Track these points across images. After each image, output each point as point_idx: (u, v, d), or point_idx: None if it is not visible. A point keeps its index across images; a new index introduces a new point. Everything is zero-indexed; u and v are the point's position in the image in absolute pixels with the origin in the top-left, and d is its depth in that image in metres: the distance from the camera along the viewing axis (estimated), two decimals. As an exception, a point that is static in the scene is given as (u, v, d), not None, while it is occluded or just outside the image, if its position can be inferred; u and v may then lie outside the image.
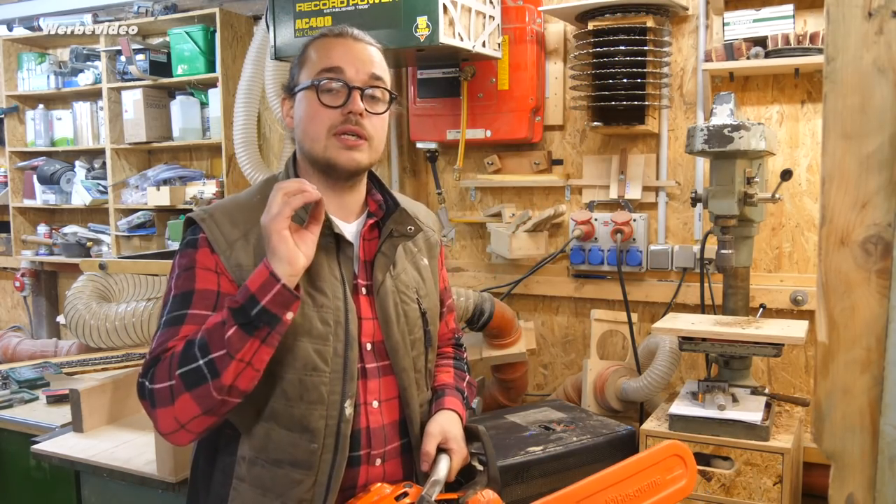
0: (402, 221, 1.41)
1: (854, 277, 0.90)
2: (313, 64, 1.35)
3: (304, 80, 1.35)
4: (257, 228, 1.30)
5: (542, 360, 3.00)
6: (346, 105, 1.31)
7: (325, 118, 1.31)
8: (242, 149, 3.17)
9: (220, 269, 1.28)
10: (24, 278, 4.03)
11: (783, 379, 2.57)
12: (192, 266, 1.29)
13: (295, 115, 1.38)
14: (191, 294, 1.27)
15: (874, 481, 0.91)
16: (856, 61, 0.88)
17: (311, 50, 1.37)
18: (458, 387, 1.53)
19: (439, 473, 1.31)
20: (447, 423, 1.40)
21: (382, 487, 1.28)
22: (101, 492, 2.11)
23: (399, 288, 1.40)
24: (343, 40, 1.36)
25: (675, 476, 1.28)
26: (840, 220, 0.90)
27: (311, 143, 1.34)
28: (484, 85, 2.79)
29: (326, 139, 1.32)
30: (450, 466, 1.34)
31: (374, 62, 1.36)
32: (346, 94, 1.32)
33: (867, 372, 0.90)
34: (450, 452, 1.36)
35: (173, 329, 1.25)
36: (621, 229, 2.65)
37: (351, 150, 1.33)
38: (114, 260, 2.84)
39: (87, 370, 2.85)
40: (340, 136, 1.32)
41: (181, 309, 1.26)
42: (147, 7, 3.49)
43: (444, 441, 1.37)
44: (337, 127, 1.31)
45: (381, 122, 1.38)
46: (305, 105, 1.34)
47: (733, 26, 2.42)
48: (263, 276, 1.18)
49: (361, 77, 1.33)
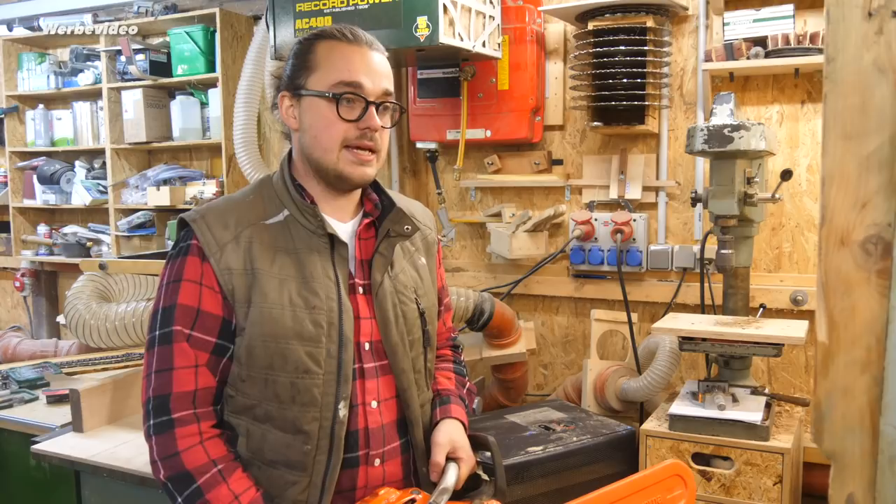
0: (399, 221, 1.40)
1: (854, 277, 0.90)
2: (328, 71, 1.32)
3: (317, 85, 1.32)
4: (249, 230, 1.31)
5: (542, 360, 3.00)
6: (364, 120, 1.31)
7: (341, 131, 1.31)
8: (242, 149, 3.17)
9: (206, 281, 1.29)
10: (24, 278, 4.03)
11: (783, 379, 2.57)
12: (178, 278, 1.30)
13: (302, 119, 1.35)
14: (173, 308, 1.28)
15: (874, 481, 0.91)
16: (856, 61, 0.88)
17: (322, 51, 1.33)
18: (461, 395, 1.53)
19: (448, 482, 1.32)
20: (454, 432, 1.41)
21: (389, 493, 1.28)
22: (101, 492, 2.11)
23: (397, 288, 1.39)
24: (360, 49, 1.33)
25: (674, 496, 1.27)
26: (840, 220, 0.90)
27: (322, 152, 1.33)
28: (484, 85, 2.79)
29: (339, 151, 1.32)
30: (458, 475, 1.35)
31: (387, 75, 1.36)
32: (363, 107, 1.31)
33: (867, 372, 0.90)
34: (458, 461, 1.37)
35: (166, 349, 1.28)
36: (621, 229, 2.65)
37: (363, 166, 1.33)
38: (114, 260, 2.84)
39: (87, 370, 2.85)
40: (354, 149, 1.32)
41: (167, 325, 1.28)
42: (147, 7, 3.49)
43: (452, 451, 1.38)
44: (352, 141, 1.31)
45: (388, 135, 1.39)
46: (319, 114, 1.32)
47: (733, 26, 2.42)
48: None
49: (377, 91, 1.33)
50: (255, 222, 1.33)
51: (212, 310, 1.28)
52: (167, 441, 1.26)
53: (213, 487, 1.24)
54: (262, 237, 1.31)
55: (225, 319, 1.29)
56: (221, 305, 1.29)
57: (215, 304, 1.28)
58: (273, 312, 1.27)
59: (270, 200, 1.36)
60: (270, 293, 1.28)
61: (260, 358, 1.28)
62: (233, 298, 1.28)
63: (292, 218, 1.34)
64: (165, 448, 1.26)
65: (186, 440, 1.26)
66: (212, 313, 1.28)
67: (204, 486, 1.23)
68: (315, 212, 1.33)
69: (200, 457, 1.25)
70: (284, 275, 1.30)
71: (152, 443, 1.27)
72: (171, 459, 1.25)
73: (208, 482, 1.24)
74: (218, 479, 1.24)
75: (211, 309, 1.28)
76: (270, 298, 1.28)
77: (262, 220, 1.33)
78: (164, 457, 1.26)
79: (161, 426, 1.26)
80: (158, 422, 1.26)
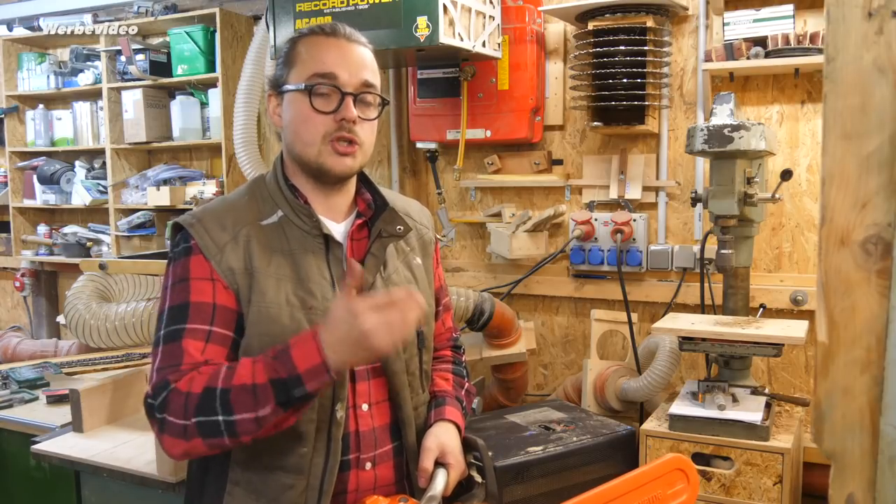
0: (392, 221, 1.39)
1: (854, 277, 0.90)
2: (304, 65, 1.32)
3: (295, 80, 1.32)
4: (246, 229, 1.31)
5: (542, 360, 3.00)
6: (339, 111, 1.30)
7: (319, 124, 1.30)
8: (242, 149, 3.17)
9: (215, 276, 1.27)
10: (24, 278, 4.03)
11: (783, 379, 2.57)
12: (186, 277, 1.28)
13: (284, 116, 1.35)
14: (186, 307, 1.25)
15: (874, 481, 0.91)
16: (856, 61, 0.88)
17: (302, 47, 1.34)
18: (458, 395, 1.51)
19: (436, 489, 1.30)
20: (445, 436, 1.39)
21: (377, 501, 1.28)
22: (101, 492, 2.11)
23: (390, 289, 1.38)
24: (336, 41, 1.33)
25: (676, 490, 1.26)
26: (840, 220, 0.90)
27: (303, 147, 1.32)
28: (484, 85, 2.79)
29: (320, 145, 1.31)
30: (447, 481, 1.33)
31: (366, 66, 1.34)
32: (339, 99, 1.30)
33: (867, 372, 0.90)
34: (447, 467, 1.35)
35: (174, 345, 1.23)
36: (621, 229, 2.65)
37: (344, 157, 1.32)
38: (114, 260, 2.84)
39: (87, 370, 2.85)
40: (334, 142, 1.31)
41: (178, 323, 1.25)
42: (147, 7, 3.49)
43: (441, 455, 1.36)
44: (332, 134, 1.30)
45: (372, 128, 1.37)
46: (296, 108, 1.32)
47: (733, 26, 2.42)
48: (314, 359, 1.13)
49: (354, 82, 1.32)
50: (251, 222, 1.33)
51: (227, 304, 1.27)
52: (175, 399, 1.18)
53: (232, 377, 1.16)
54: (259, 237, 1.31)
55: (239, 314, 1.27)
56: (235, 300, 1.27)
57: (229, 299, 1.27)
58: (271, 311, 1.27)
59: (265, 201, 1.36)
60: (268, 292, 1.27)
61: None
62: (238, 297, 1.28)
63: (286, 219, 1.33)
64: (178, 403, 1.17)
65: (186, 381, 1.19)
66: (228, 307, 1.27)
67: (224, 383, 1.16)
68: (310, 212, 1.33)
69: (203, 378, 1.18)
70: (280, 274, 1.29)
71: (168, 419, 1.19)
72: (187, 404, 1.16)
73: (226, 378, 1.16)
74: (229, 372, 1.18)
75: (227, 303, 1.27)
76: (268, 297, 1.27)
77: (258, 220, 1.33)
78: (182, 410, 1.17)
79: (164, 400, 1.19)
80: (161, 399, 1.20)
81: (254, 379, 1.15)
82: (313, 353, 1.13)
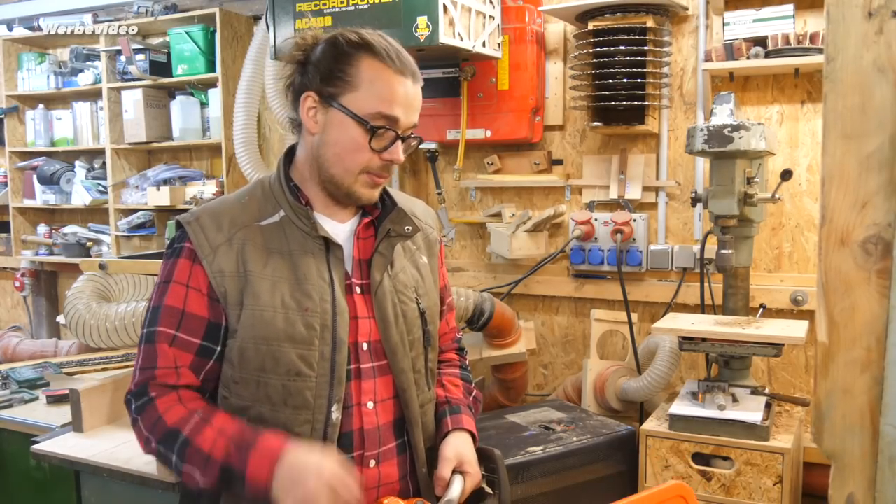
0: (400, 221, 1.40)
1: (854, 277, 0.90)
2: (369, 95, 1.29)
3: (355, 107, 1.28)
4: (242, 232, 1.31)
5: (542, 360, 3.00)
6: (389, 152, 1.31)
7: (366, 157, 1.31)
8: (242, 149, 3.17)
9: (194, 283, 1.29)
10: (24, 278, 4.03)
11: (783, 379, 2.57)
12: (168, 279, 1.31)
13: (326, 129, 1.32)
14: (160, 309, 1.30)
15: (874, 481, 0.91)
16: (856, 61, 0.88)
17: (367, 72, 1.29)
18: (469, 404, 1.52)
19: (452, 495, 1.32)
20: (462, 445, 1.40)
21: (393, 502, 1.28)
22: (101, 492, 2.11)
23: (397, 288, 1.38)
24: (403, 81, 1.31)
25: None
26: (840, 220, 0.90)
27: (342, 172, 1.32)
28: (484, 85, 2.79)
29: (358, 175, 1.32)
30: (463, 489, 1.34)
31: (418, 109, 1.36)
32: (392, 140, 1.31)
33: (867, 372, 0.90)
34: (464, 475, 1.36)
35: (150, 347, 1.30)
36: (621, 229, 2.65)
37: (375, 188, 1.36)
38: (114, 260, 2.84)
39: (87, 370, 2.84)
40: (373, 175, 1.33)
41: (153, 325, 1.31)
42: (147, 7, 3.49)
43: (458, 464, 1.37)
44: (374, 169, 1.32)
45: None
46: (349, 136, 1.30)
47: (733, 26, 2.42)
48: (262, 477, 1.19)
49: (407, 125, 1.33)
50: (249, 223, 1.32)
51: (197, 311, 1.29)
52: (150, 412, 1.27)
53: (199, 433, 1.24)
54: (256, 239, 1.31)
55: (210, 322, 1.30)
56: (207, 307, 1.29)
57: (201, 307, 1.29)
58: (265, 315, 1.27)
59: (267, 201, 1.36)
60: (262, 295, 1.28)
61: (252, 360, 1.27)
62: (225, 301, 1.28)
63: (287, 219, 1.33)
64: (150, 419, 1.27)
65: (166, 403, 1.28)
66: (196, 315, 1.29)
67: (190, 434, 1.24)
68: (308, 214, 1.33)
69: (180, 412, 1.27)
70: (277, 276, 1.29)
71: (139, 424, 1.28)
72: (156, 426, 1.26)
73: (193, 430, 1.24)
74: (200, 424, 1.25)
75: (196, 311, 1.29)
76: (262, 301, 1.27)
77: (257, 221, 1.33)
78: (150, 427, 1.27)
79: (142, 406, 1.28)
80: (140, 404, 1.28)
81: (212, 450, 1.22)
82: (264, 473, 1.19)
